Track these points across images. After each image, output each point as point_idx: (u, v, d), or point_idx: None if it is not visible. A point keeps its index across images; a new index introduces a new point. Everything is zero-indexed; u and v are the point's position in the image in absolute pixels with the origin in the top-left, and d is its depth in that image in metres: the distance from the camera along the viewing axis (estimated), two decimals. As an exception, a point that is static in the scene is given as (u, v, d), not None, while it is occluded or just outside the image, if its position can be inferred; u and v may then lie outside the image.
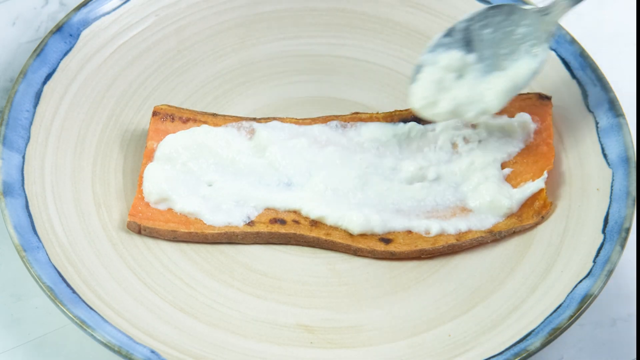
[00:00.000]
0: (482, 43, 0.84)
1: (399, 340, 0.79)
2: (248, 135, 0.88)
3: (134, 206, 0.84)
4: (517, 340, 0.77)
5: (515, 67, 0.84)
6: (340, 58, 0.94)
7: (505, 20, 0.84)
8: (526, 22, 0.83)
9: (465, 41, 0.84)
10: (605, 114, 0.86)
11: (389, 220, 0.84)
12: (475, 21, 0.84)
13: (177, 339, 0.78)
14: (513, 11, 0.84)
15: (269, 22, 0.94)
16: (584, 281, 0.79)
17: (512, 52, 0.84)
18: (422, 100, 0.84)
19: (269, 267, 0.83)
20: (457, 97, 0.83)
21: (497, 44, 0.84)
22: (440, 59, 0.84)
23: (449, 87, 0.83)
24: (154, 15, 0.92)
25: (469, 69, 0.84)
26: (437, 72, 0.84)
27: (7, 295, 0.83)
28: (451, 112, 0.83)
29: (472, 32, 0.84)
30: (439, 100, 0.83)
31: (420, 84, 0.84)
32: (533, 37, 0.84)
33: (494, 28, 0.84)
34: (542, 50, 0.83)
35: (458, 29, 0.84)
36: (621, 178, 0.83)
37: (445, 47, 0.84)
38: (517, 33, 0.84)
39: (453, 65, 0.84)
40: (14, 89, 0.85)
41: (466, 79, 0.84)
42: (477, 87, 0.83)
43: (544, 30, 0.83)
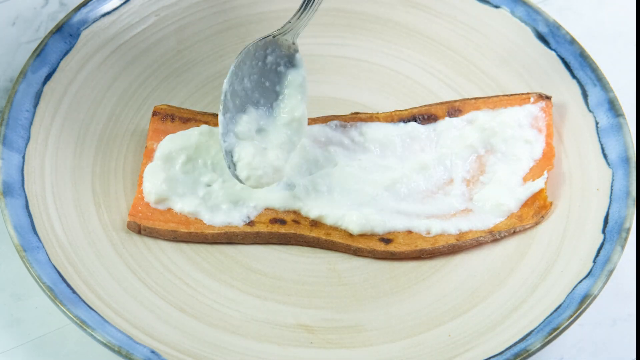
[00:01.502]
0: (249, 93, 0.85)
1: (399, 340, 0.79)
2: (248, 135, 0.88)
3: (134, 206, 0.84)
4: (517, 340, 0.77)
5: (288, 86, 0.85)
6: (340, 58, 0.94)
7: (251, 61, 0.85)
8: (269, 50, 0.85)
9: (239, 104, 0.84)
10: (605, 114, 0.86)
11: (389, 220, 0.84)
12: (232, 83, 0.84)
13: (177, 339, 0.78)
14: (253, 50, 0.85)
15: (269, 22, 0.94)
16: (583, 281, 0.79)
17: (274, 79, 0.86)
18: (262, 176, 0.83)
19: (269, 267, 0.83)
20: (277, 146, 0.84)
21: (260, 83, 0.85)
22: (237, 135, 0.83)
23: (264, 147, 0.84)
24: (154, 15, 0.92)
25: (261, 121, 0.85)
26: (246, 147, 0.83)
27: (7, 295, 0.83)
28: (286, 158, 0.84)
29: (237, 93, 0.84)
30: (271, 162, 0.83)
31: (246, 166, 0.83)
32: (283, 55, 0.85)
33: (247, 74, 0.85)
34: (298, 59, 0.86)
35: (227, 101, 0.83)
36: (621, 178, 0.83)
37: (232, 123, 0.84)
38: (268, 63, 0.85)
39: (249, 129, 0.84)
40: (14, 89, 0.85)
41: (266, 129, 0.84)
42: (278, 127, 0.84)
43: (288, 47, 0.85)
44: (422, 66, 0.93)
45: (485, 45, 0.93)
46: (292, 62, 0.86)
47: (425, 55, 0.93)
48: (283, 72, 0.86)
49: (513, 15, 0.92)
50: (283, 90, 0.86)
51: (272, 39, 0.85)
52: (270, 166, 0.83)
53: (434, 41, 0.94)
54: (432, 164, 0.87)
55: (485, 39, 0.93)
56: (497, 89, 0.91)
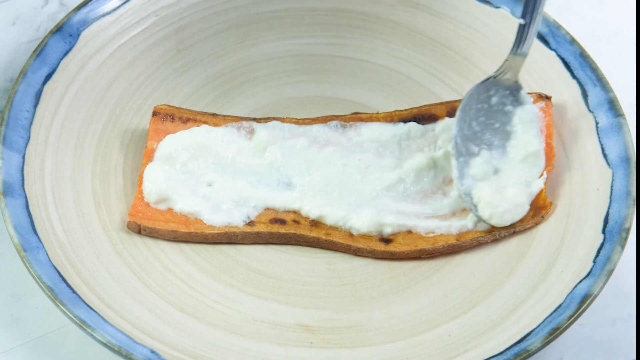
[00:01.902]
0: (478, 136, 0.86)
1: (399, 340, 0.79)
2: (248, 135, 0.88)
3: (134, 206, 0.84)
4: (517, 340, 0.77)
5: (517, 125, 0.86)
6: (340, 58, 0.94)
7: (477, 104, 0.86)
8: (492, 92, 0.86)
9: (469, 147, 0.85)
10: (605, 114, 0.86)
11: (391, 220, 0.84)
12: (462, 128, 0.85)
13: (177, 339, 0.78)
14: (477, 94, 0.86)
15: (269, 22, 0.94)
16: (583, 281, 0.79)
17: (503, 119, 0.86)
18: (505, 212, 0.83)
19: (269, 267, 0.83)
20: (515, 183, 0.84)
21: (488, 125, 0.86)
22: (473, 176, 0.85)
23: (502, 185, 0.84)
24: (154, 15, 0.92)
25: (495, 162, 0.85)
26: (484, 187, 0.84)
27: (7, 295, 0.83)
28: (526, 192, 0.84)
29: (467, 137, 0.85)
30: (509, 198, 0.84)
31: (487, 205, 0.84)
32: (507, 96, 0.86)
33: (475, 118, 0.86)
34: (523, 96, 0.86)
35: (458, 144, 0.85)
36: (621, 178, 0.83)
37: (466, 166, 0.85)
38: (493, 104, 0.86)
39: (484, 170, 0.85)
40: (14, 89, 0.85)
41: (502, 169, 0.85)
42: (515, 164, 0.85)
43: (511, 85, 0.86)
44: (422, 66, 0.93)
45: (485, 45, 0.93)
46: (518, 99, 0.86)
47: (425, 55, 0.93)
48: (511, 110, 0.86)
49: (513, 15, 0.92)
50: (514, 129, 0.86)
51: (493, 80, 0.86)
52: (512, 203, 0.83)
53: (434, 41, 0.94)
54: (432, 164, 0.87)
55: (485, 39, 0.93)
56: (497, 89, 0.91)
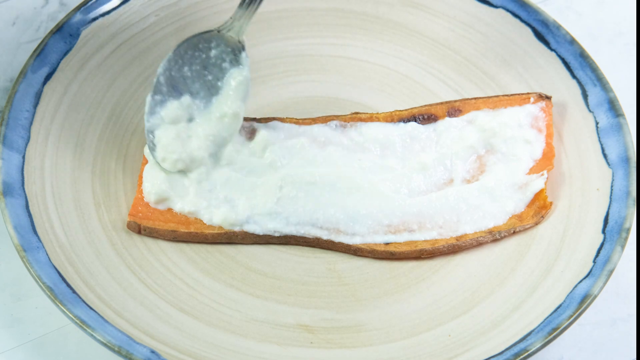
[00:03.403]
0: (187, 82, 0.86)
1: (399, 340, 0.79)
2: (248, 135, 0.87)
3: (134, 206, 0.84)
4: (517, 340, 0.77)
5: (227, 84, 0.86)
6: (340, 58, 0.94)
7: (194, 52, 0.86)
8: (213, 44, 0.86)
9: (173, 89, 0.85)
10: (605, 114, 0.86)
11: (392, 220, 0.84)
12: (170, 69, 0.85)
13: (177, 339, 0.78)
14: (197, 42, 0.86)
15: (269, 22, 0.94)
16: (584, 281, 0.79)
17: (217, 74, 0.86)
18: (178, 161, 0.84)
19: (269, 267, 0.83)
20: (202, 137, 0.84)
21: (200, 75, 0.86)
22: (163, 117, 0.85)
23: (188, 135, 0.85)
24: (154, 15, 0.92)
25: (193, 110, 0.85)
26: (169, 130, 0.84)
27: (7, 295, 0.83)
28: (209, 150, 0.84)
29: (174, 78, 0.85)
30: (191, 150, 0.84)
31: (163, 148, 0.84)
32: (227, 52, 0.86)
33: (188, 64, 0.86)
34: (243, 58, 0.86)
35: (160, 82, 0.85)
36: (621, 178, 0.83)
37: (160, 104, 0.85)
38: (211, 57, 0.86)
39: (177, 115, 0.85)
40: (14, 89, 0.85)
41: (196, 120, 0.85)
42: (210, 120, 0.85)
43: (234, 43, 0.86)
44: (422, 66, 0.93)
45: (485, 45, 0.93)
46: (238, 59, 0.86)
47: (425, 55, 0.93)
48: (227, 68, 0.86)
49: (513, 15, 0.92)
50: (224, 86, 0.86)
51: (217, 33, 0.86)
52: (189, 154, 0.84)
53: (434, 41, 0.94)
54: (432, 164, 0.87)
55: (485, 39, 0.93)
56: (497, 89, 0.91)
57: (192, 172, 0.84)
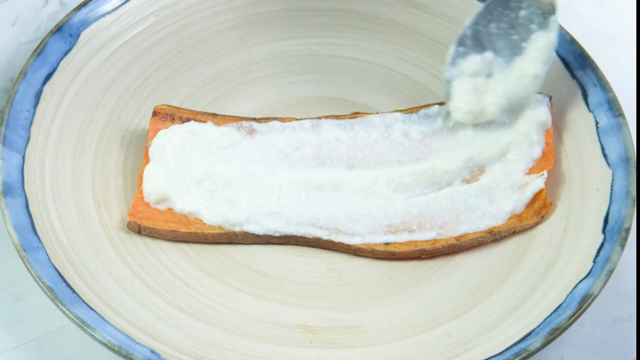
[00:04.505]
0: (492, 38, 0.86)
1: (399, 340, 0.79)
2: (248, 135, 0.88)
3: (134, 206, 0.84)
4: (517, 340, 0.77)
5: (533, 46, 0.85)
6: (340, 58, 0.94)
7: (504, 10, 0.86)
8: (524, 4, 0.85)
9: (477, 43, 0.86)
10: (605, 114, 0.86)
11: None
12: (478, 23, 0.85)
13: (177, 339, 0.78)
14: (510, 0, 0.85)
15: (269, 22, 0.94)
16: (584, 281, 0.79)
17: (524, 35, 0.86)
18: (470, 112, 0.85)
19: (269, 267, 0.83)
20: (499, 94, 0.84)
21: (507, 33, 0.86)
22: (464, 69, 0.85)
23: (485, 89, 0.85)
24: (154, 15, 0.92)
25: (494, 66, 0.86)
26: (467, 82, 0.85)
27: (7, 295, 0.83)
28: (503, 107, 0.84)
29: (480, 33, 0.85)
30: (484, 104, 0.84)
31: (459, 98, 0.85)
32: (537, 14, 0.85)
33: (496, 21, 0.86)
34: (552, 22, 0.85)
35: (466, 35, 0.85)
36: (621, 178, 0.83)
37: (462, 56, 0.86)
38: (520, 17, 0.85)
39: (478, 68, 0.85)
40: (14, 89, 0.85)
41: (495, 76, 0.85)
42: (509, 78, 0.85)
43: (546, 5, 0.85)
44: (422, 66, 0.93)
45: (486, 45, 0.93)
46: (547, 22, 0.85)
47: (425, 55, 0.93)
48: (534, 30, 0.85)
49: (513, 15, 0.92)
50: (529, 47, 0.85)
51: None
52: (481, 107, 0.84)
53: (434, 41, 0.94)
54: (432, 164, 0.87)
55: (486, 39, 0.93)
56: (497, 89, 0.91)
57: (477, 122, 0.84)
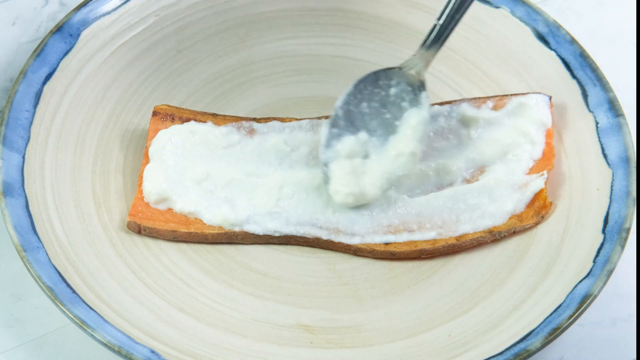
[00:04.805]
0: (365, 118, 0.85)
1: (399, 340, 0.79)
2: (248, 135, 0.87)
3: (134, 206, 0.84)
4: (517, 340, 0.77)
5: (406, 124, 0.84)
6: (340, 58, 0.94)
7: (374, 88, 0.85)
8: (394, 81, 0.85)
9: (350, 124, 0.84)
10: (605, 114, 0.86)
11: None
12: (349, 103, 0.84)
13: (177, 339, 0.78)
14: (377, 78, 0.85)
15: (269, 22, 0.94)
16: (584, 281, 0.79)
17: (396, 113, 0.85)
18: (350, 195, 0.83)
19: (269, 267, 0.83)
20: (377, 174, 0.83)
21: (379, 112, 0.85)
22: (339, 151, 0.84)
23: (363, 171, 0.84)
24: (154, 15, 0.92)
25: (369, 146, 0.84)
26: (344, 164, 0.84)
27: (7, 295, 0.83)
28: (383, 188, 0.84)
29: (352, 113, 0.84)
30: (364, 186, 0.83)
31: (337, 181, 0.83)
32: (407, 91, 0.85)
33: (367, 100, 0.85)
34: (423, 98, 0.85)
35: (338, 116, 0.84)
36: (621, 178, 0.83)
37: (337, 138, 0.84)
38: (391, 95, 0.85)
39: (353, 150, 0.84)
40: (14, 89, 0.85)
41: (372, 156, 0.84)
42: (386, 158, 0.84)
43: (415, 82, 0.85)
44: (422, 66, 0.93)
45: (485, 45, 0.93)
46: (417, 99, 0.85)
47: (425, 55, 0.93)
48: (406, 108, 0.85)
49: (513, 15, 0.92)
50: (402, 126, 0.84)
51: (399, 71, 0.85)
52: (361, 190, 0.83)
53: (434, 41, 0.94)
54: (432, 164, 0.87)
55: (485, 39, 0.93)
56: (497, 89, 0.91)
57: (358, 205, 0.84)
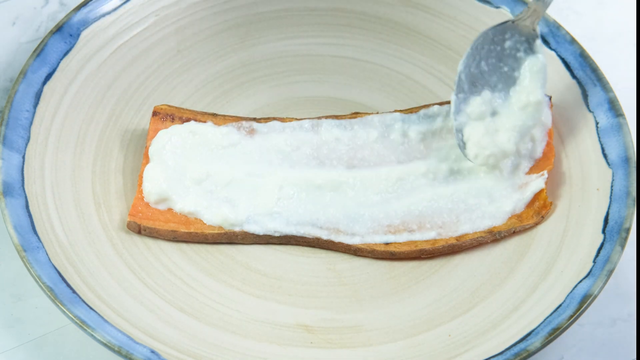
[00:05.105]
0: (484, 77, 0.86)
1: (399, 340, 0.79)
2: (248, 135, 0.88)
3: (134, 206, 0.84)
4: (517, 340, 0.77)
5: (525, 73, 0.85)
6: (340, 58, 0.94)
7: (490, 46, 0.86)
8: (507, 35, 0.85)
9: (473, 85, 0.85)
10: (605, 114, 0.86)
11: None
12: (469, 65, 0.85)
13: (177, 339, 0.78)
14: (492, 35, 0.86)
15: (269, 22, 0.94)
16: (584, 281, 0.79)
17: (513, 65, 0.86)
18: (491, 156, 0.84)
19: (269, 267, 0.83)
20: (509, 129, 0.84)
21: (497, 68, 0.86)
22: (469, 114, 0.85)
23: (495, 129, 0.85)
24: (154, 15, 0.92)
25: (495, 104, 0.85)
26: (477, 126, 0.85)
27: (7, 295, 0.83)
28: (517, 140, 0.84)
29: (473, 75, 0.85)
30: (500, 143, 0.84)
31: (475, 145, 0.84)
32: (521, 41, 0.86)
33: (485, 58, 0.86)
34: (537, 45, 0.85)
35: (462, 80, 0.85)
36: (621, 178, 0.83)
37: (464, 102, 0.85)
38: (506, 49, 0.86)
39: (481, 110, 0.85)
40: (14, 89, 0.85)
41: (500, 113, 0.85)
42: (514, 111, 0.85)
43: (528, 33, 0.85)
44: (422, 66, 0.93)
45: (486, 45, 0.93)
46: (532, 47, 0.86)
47: (425, 55, 0.93)
48: (522, 57, 0.86)
49: (513, 15, 0.92)
50: (522, 76, 0.85)
51: (511, 24, 0.85)
52: (499, 148, 0.84)
53: (434, 41, 0.94)
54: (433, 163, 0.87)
55: (486, 39, 0.93)
56: (497, 89, 0.91)
57: (498, 163, 0.84)
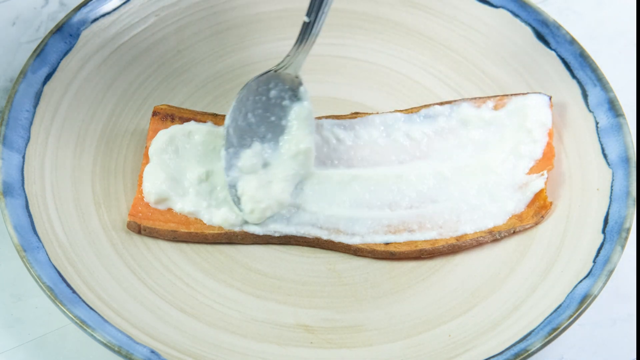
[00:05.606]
0: (253, 128, 0.85)
1: (399, 340, 0.79)
2: (247, 136, 0.88)
3: (134, 206, 0.84)
4: (517, 340, 0.77)
5: (292, 121, 0.85)
6: (340, 58, 0.94)
7: (254, 96, 0.85)
8: (271, 85, 0.85)
9: (242, 139, 0.84)
10: (605, 114, 0.86)
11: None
12: (236, 118, 0.84)
13: (177, 339, 0.78)
14: (255, 86, 0.85)
15: (269, 22, 0.94)
16: (584, 281, 0.79)
17: (280, 114, 0.85)
18: (267, 209, 0.83)
19: (269, 267, 0.83)
20: (282, 179, 0.84)
21: (264, 118, 0.85)
22: (241, 168, 0.84)
23: (268, 180, 0.84)
24: (154, 15, 0.92)
25: (265, 155, 0.85)
26: (250, 180, 0.84)
27: (7, 295, 0.83)
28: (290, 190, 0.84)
29: (241, 128, 0.85)
30: (274, 194, 0.83)
31: (249, 200, 0.83)
32: (286, 90, 0.85)
33: (251, 110, 0.85)
34: (302, 92, 0.85)
35: (230, 134, 0.84)
36: (621, 178, 0.83)
37: (234, 157, 0.84)
38: (271, 98, 0.85)
39: (253, 163, 0.84)
40: (14, 89, 0.85)
41: (271, 163, 0.84)
42: (284, 161, 0.84)
43: (291, 80, 0.85)
44: (422, 66, 0.93)
45: (485, 45, 0.93)
46: (297, 95, 0.85)
47: (425, 55, 0.93)
48: (288, 105, 0.85)
49: (513, 15, 0.92)
50: (289, 124, 0.85)
51: (274, 74, 0.85)
52: (274, 199, 0.83)
53: (434, 41, 0.94)
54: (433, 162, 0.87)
55: (485, 39, 0.93)
56: (497, 89, 0.91)
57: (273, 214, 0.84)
